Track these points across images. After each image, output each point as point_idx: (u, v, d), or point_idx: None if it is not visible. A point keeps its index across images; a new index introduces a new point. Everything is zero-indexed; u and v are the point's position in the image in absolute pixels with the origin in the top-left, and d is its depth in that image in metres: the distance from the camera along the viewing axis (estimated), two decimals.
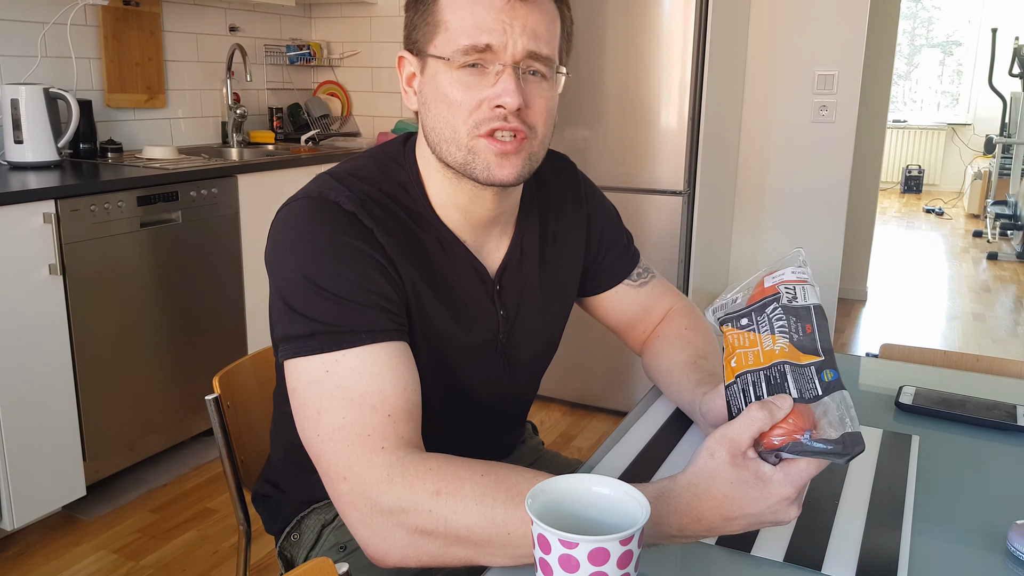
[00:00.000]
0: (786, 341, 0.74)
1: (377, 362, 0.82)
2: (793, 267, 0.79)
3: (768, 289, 0.78)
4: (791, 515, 0.71)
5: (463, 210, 0.94)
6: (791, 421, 0.71)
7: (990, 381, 1.27)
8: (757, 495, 0.71)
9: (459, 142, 0.87)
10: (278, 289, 0.86)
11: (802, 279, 0.78)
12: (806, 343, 0.74)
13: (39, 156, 2.43)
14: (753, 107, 3.31)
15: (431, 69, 0.88)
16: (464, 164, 0.88)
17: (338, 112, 3.80)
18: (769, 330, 0.76)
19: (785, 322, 0.75)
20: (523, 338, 1.04)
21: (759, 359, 0.75)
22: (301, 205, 0.88)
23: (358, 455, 0.78)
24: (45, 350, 2.08)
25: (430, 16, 0.87)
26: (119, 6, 2.85)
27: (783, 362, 0.73)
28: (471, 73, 0.85)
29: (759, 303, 0.78)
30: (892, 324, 4.37)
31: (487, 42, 0.83)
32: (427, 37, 0.88)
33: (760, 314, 0.77)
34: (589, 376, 3.05)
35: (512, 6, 0.84)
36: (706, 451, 0.73)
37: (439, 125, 0.88)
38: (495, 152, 0.87)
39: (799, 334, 0.74)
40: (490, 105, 0.85)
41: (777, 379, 0.73)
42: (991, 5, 8.46)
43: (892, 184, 9.04)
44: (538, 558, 0.63)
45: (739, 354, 0.77)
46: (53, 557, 2.08)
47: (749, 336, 0.77)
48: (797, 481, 0.70)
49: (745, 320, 0.78)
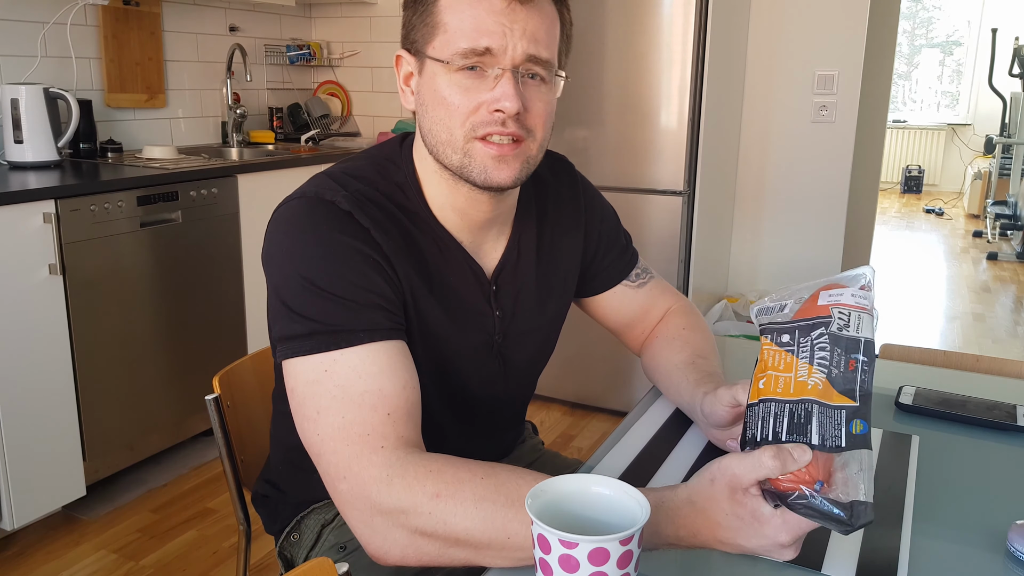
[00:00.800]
0: (823, 376, 0.67)
1: (376, 361, 0.82)
2: (855, 289, 0.71)
3: (821, 308, 0.70)
4: (785, 557, 0.70)
5: (460, 211, 0.94)
6: (813, 465, 0.66)
7: (990, 381, 1.27)
8: (752, 532, 0.69)
9: (455, 145, 0.87)
10: (275, 289, 0.86)
11: (862, 306, 0.70)
12: (844, 382, 0.67)
13: (39, 156, 2.43)
14: (753, 107, 3.31)
15: (429, 70, 0.87)
16: (461, 167, 0.88)
17: (338, 112, 3.80)
18: (808, 359, 0.69)
19: (828, 353, 0.68)
20: (520, 339, 1.04)
21: (788, 389, 0.69)
22: (297, 205, 0.88)
23: (357, 454, 0.78)
24: (45, 350, 2.08)
25: (429, 17, 0.86)
26: (119, 6, 2.85)
27: (813, 401, 0.67)
28: (469, 76, 0.85)
29: (808, 322, 0.70)
30: (892, 324, 4.37)
31: (486, 45, 0.83)
32: (425, 38, 0.87)
33: (805, 336, 0.69)
34: (589, 376, 3.05)
35: (512, 9, 0.83)
36: (708, 476, 0.72)
37: (436, 127, 0.88)
38: (492, 155, 0.87)
39: (839, 369, 0.67)
40: (489, 109, 0.85)
41: (801, 418, 0.67)
42: (991, 5, 8.46)
43: (892, 184, 9.04)
44: (538, 558, 0.63)
45: (770, 376, 0.71)
46: (53, 557, 2.08)
47: (786, 358, 0.70)
48: (794, 531, 0.68)
49: (787, 337, 0.71)
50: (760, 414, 0.70)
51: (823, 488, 0.64)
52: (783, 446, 0.67)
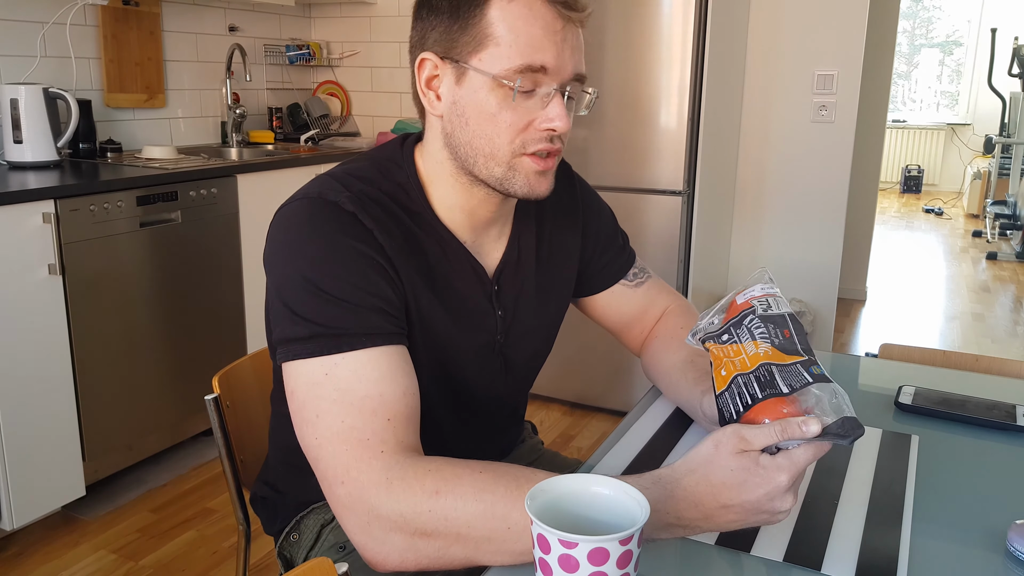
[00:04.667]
0: (768, 345, 0.77)
1: (377, 366, 0.81)
2: (761, 284, 0.82)
3: (742, 305, 0.81)
4: (787, 503, 0.72)
5: (468, 212, 0.94)
6: (786, 411, 0.74)
7: (990, 381, 1.27)
8: (754, 480, 0.72)
9: (499, 159, 0.87)
10: (277, 290, 0.86)
11: (771, 293, 0.81)
12: (787, 346, 0.77)
13: (38, 156, 2.43)
14: (753, 107, 3.31)
15: (473, 82, 0.85)
16: (502, 179, 0.88)
17: (337, 112, 3.80)
18: (750, 337, 0.78)
19: (764, 329, 0.78)
20: (521, 338, 1.04)
21: (746, 364, 0.78)
22: (300, 205, 0.88)
23: (357, 459, 0.77)
24: (44, 350, 2.08)
25: (476, 28, 0.84)
26: (119, 6, 2.85)
27: (770, 363, 0.76)
28: (522, 93, 0.84)
29: (736, 318, 0.80)
30: (892, 324, 4.37)
31: (542, 63, 0.83)
32: (471, 48, 0.85)
33: (739, 327, 0.80)
34: (589, 376, 3.05)
35: (566, 28, 0.84)
36: (711, 442, 0.75)
37: (477, 140, 0.87)
38: (536, 171, 0.88)
39: (779, 339, 0.78)
40: (540, 127, 0.85)
41: (767, 376, 0.76)
42: (991, 5, 8.46)
43: (891, 184, 9.05)
44: (537, 558, 0.63)
45: (726, 363, 0.80)
46: (53, 557, 2.08)
47: (732, 347, 0.79)
48: (793, 467, 0.72)
49: (726, 336, 0.80)
50: (734, 391, 0.78)
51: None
52: (789, 419, 0.72)
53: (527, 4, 0.83)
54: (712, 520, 0.74)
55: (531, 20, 0.82)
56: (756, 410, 0.75)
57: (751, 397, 0.76)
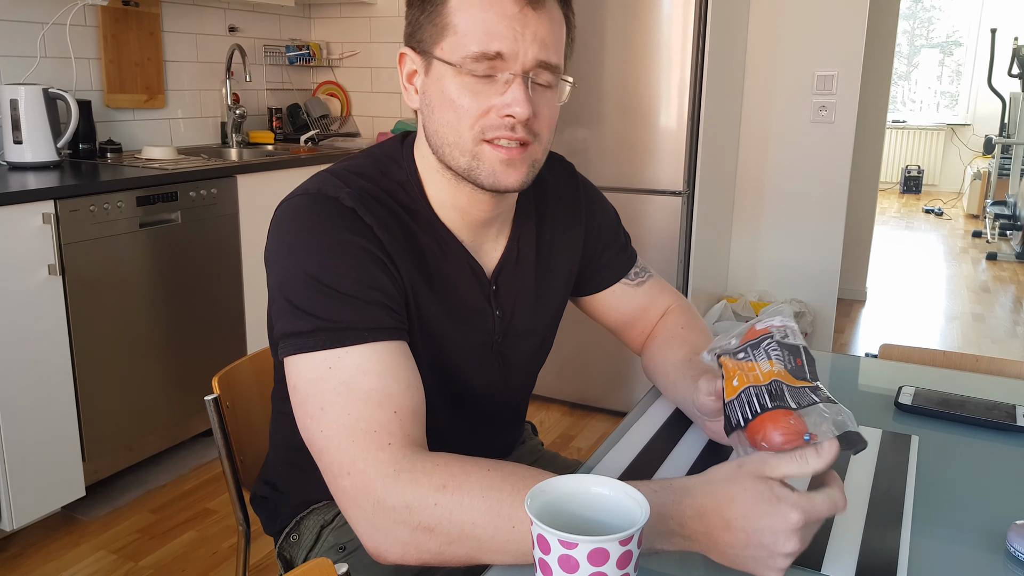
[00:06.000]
0: (781, 367, 0.79)
1: (380, 360, 0.81)
2: (781, 316, 0.85)
3: (761, 331, 0.84)
4: (789, 546, 0.68)
5: (461, 211, 0.94)
6: (792, 422, 0.74)
7: (990, 381, 1.27)
8: (765, 509, 0.68)
9: (463, 147, 0.87)
10: (279, 285, 0.86)
11: (789, 325, 0.84)
12: (798, 372, 0.79)
13: (38, 156, 2.43)
14: (752, 107, 3.31)
15: (437, 71, 0.87)
16: (468, 169, 0.88)
17: (337, 112, 3.80)
18: (766, 357, 0.81)
19: (780, 352, 0.80)
20: (519, 338, 1.04)
21: (759, 379, 0.80)
22: (301, 201, 0.88)
23: (364, 450, 0.77)
24: (44, 350, 2.08)
25: (438, 17, 0.85)
26: (119, 6, 2.85)
27: (780, 381, 0.78)
28: (479, 79, 0.84)
29: (755, 340, 0.83)
30: (892, 324, 4.37)
31: (498, 49, 0.83)
32: (434, 38, 0.86)
33: (756, 348, 0.82)
34: (589, 376, 3.04)
35: (524, 14, 0.83)
36: (736, 461, 0.73)
37: (443, 129, 0.88)
38: (500, 159, 0.87)
39: (792, 364, 0.80)
40: (499, 113, 0.85)
41: (777, 391, 0.77)
42: (991, 5, 8.46)
43: (891, 184, 9.05)
44: (537, 558, 0.63)
45: (739, 375, 0.82)
46: (52, 557, 2.08)
47: (747, 364, 0.82)
48: (809, 510, 0.68)
49: (742, 354, 0.83)
50: (744, 400, 0.80)
51: (811, 438, 0.73)
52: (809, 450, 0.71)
53: None
54: (712, 538, 0.71)
55: (487, 7, 0.83)
56: (763, 418, 0.76)
57: (760, 406, 0.77)
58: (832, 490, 0.70)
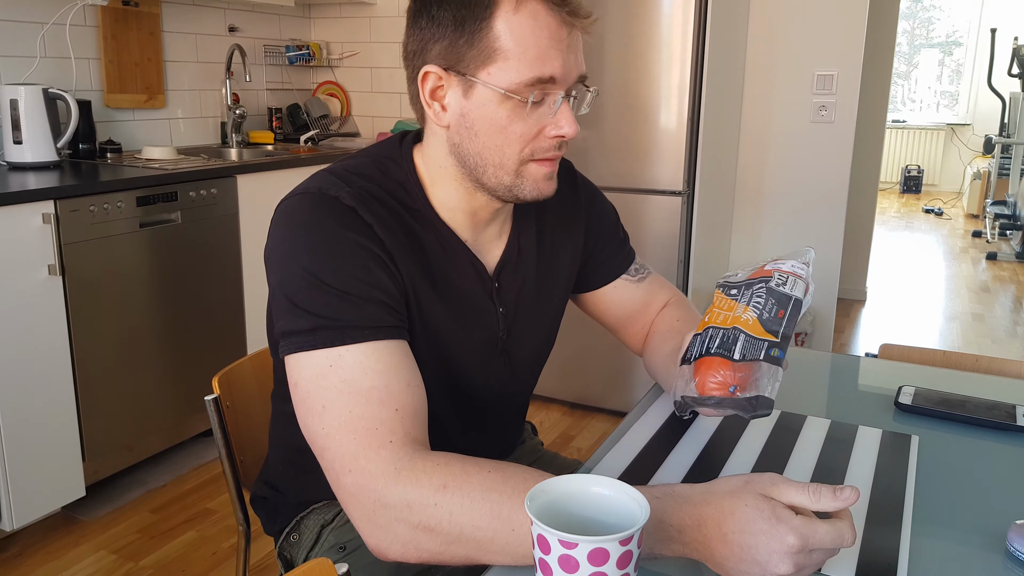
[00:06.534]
0: (754, 315, 0.82)
1: (380, 359, 0.82)
2: (796, 261, 0.86)
3: (766, 272, 0.86)
4: (783, 568, 0.66)
5: (468, 213, 0.95)
6: (724, 373, 0.80)
7: (990, 381, 1.27)
8: (763, 527, 0.67)
9: (508, 168, 0.88)
10: (279, 284, 0.86)
11: (797, 273, 0.85)
12: (771, 325, 0.82)
13: (38, 156, 2.43)
14: (752, 107, 3.31)
15: (481, 95, 0.85)
16: (510, 186, 0.89)
17: (337, 112, 3.80)
18: (747, 302, 0.84)
19: (762, 300, 0.83)
20: (523, 335, 1.04)
21: (726, 321, 0.84)
22: (301, 200, 0.88)
23: (366, 447, 0.77)
24: (44, 350, 2.08)
25: (482, 42, 0.83)
26: (118, 6, 2.85)
27: (740, 330, 0.82)
28: (534, 104, 0.85)
29: (755, 280, 0.86)
30: (891, 324, 4.37)
31: (552, 74, 0.83)
32: (479, 62, 0.84)
33: (748, 288, 0.85)
34: (589, 376, 3.05)
35: (570, 33, 0.84)
36: (744, 476, 0.72)
37: (487, 152, 0.88)
38: (544, 174, 0.89)
39: (770, 314, 0.82)
40: (550, 134, 0.86)
41: (729, 340, 0.82)
42: (991, 5, 8.46)
43: (891, 184, 9.05)
44: (537, 558, 0.63)
45: (714, 312, 0.87)
46: (52, 558, 2.08)
47: (730, 303, 0.85)
48: (809, 536, 0.66)
49: (735, 291, 0.86)
50: (702, 337, 0.86)
51: (735, 391, 0.80)
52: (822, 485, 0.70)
53: (532, 14, 0.82)
54: (709, 548, 0.70)
55: (537, 31, 0.82)
56: (703, 361, 0.82)
57: (706, 349, 0.82)
58: (842, 523, 0.68)
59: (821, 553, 0.68)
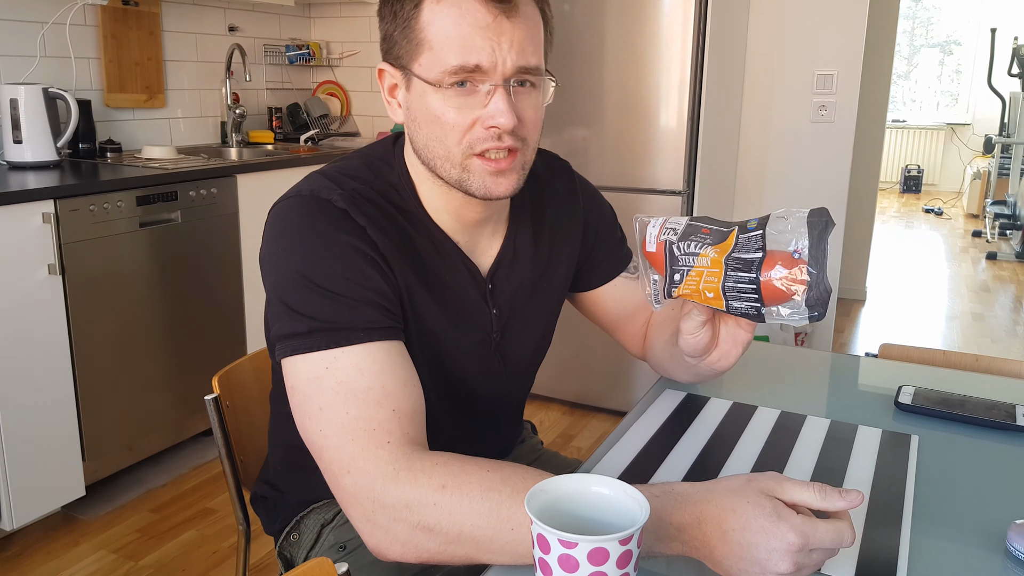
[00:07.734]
0: (709, 247, 0.81)
1: (376, 360, 0.82)
2: (650, 226, 0.87)
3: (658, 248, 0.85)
4: (781, 567, 0.66)
5: (452, 213, 0.94)
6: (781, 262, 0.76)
7: (990, 381, 1.27)
8: (764, 525, 0.67)
9: (453, 160, 0.87)
10: (274, 287, 0.86)
11: (663, 222, 0.86)
12: (717, 236, 0.81)
13: (38, 156, 2.43)
14: (752, 107, 3.31)
15: (417, 87, 0.86)
16: (459, 181, 0.88)
17: (337, 112, 3.80)
18: (694, 257, 0.83)
19: (691, 242, 0.83)
20: (517, 336, 1.04)
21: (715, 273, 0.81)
22: (293, 203, 0.88)
23: (364, 448, 0.77)
24: (44, 350, 2.08)
25: (411, 32, 0.84)
26: (118, 6, 2.85)
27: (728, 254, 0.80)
28: (461, 93, 0.84)
29: (667, 259, 0.85)
30: (891, 324, 4.37)
31: (476, 62, 0.82)
32: (410, 55, 0.85)
33: (676, 262, 0.84)
34: (589, 376, 3.05)
35: (499, 22, 0.82)
36: (747, 475, 0.72)
37: (431, 143, 0.87)
38: (489, 171, 0.87)
39: (709, 237, 0.82)
40: (484, 125, 0.84)
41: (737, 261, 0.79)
42: (991, 5, 8.46)
43: (891, 184, 9.05)
44: (537, 558, 0.63)
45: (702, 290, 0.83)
46: (52, 557, 2.08)
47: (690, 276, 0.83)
48: (810, 535, 0.66)
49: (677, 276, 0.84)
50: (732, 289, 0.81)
51: (797, 251, 0.77)
52: (828, 487, 0.69)
53: (456, 3, 0.82)
54: (708, 546, 0.70)
55: (460, 19, 0.81)
56: (772, 254, 0.77)
57: (747, 272, 0.78)
58: (841, 523, 0.68)
59: (821, 553, 0.68)
